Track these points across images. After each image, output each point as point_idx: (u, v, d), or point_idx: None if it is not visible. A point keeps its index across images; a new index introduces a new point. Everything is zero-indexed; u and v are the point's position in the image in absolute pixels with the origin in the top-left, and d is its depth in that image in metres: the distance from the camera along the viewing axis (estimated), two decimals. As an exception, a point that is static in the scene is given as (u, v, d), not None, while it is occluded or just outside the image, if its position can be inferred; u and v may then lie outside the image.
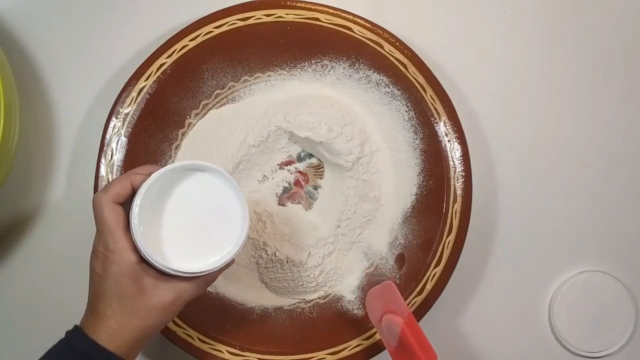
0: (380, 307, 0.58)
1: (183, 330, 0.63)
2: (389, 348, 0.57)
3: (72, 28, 0.70)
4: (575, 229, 0.69)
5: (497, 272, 0.69)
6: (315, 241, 0.65)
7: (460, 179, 0.64)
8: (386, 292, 0.58)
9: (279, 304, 0.66)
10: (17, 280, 0.68)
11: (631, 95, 0.71)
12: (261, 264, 0.65)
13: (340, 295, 0.66)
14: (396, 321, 0.55)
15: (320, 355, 0.63)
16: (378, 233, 0.67)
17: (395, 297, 0.57)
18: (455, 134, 0.65)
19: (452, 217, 0.64)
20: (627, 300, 0.67)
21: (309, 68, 0.67)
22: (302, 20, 0.66)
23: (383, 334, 0.58)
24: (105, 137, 0.64)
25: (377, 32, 0.65)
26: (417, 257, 0.65)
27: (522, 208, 0.69)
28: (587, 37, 0.71)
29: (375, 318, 0.59)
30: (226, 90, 0.68)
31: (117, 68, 0.69)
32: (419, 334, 0.54)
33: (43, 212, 0.69)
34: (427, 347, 0.53)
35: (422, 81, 0.65)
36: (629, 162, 0.70)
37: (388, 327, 0.57)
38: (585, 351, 0.67)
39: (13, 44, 0.69)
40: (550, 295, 0.69)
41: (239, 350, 0.63)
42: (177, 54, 0.65)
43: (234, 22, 0.65)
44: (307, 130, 0.65)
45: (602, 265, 0.69)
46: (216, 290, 0.66)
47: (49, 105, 0.69)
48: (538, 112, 0.70)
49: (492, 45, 0.71)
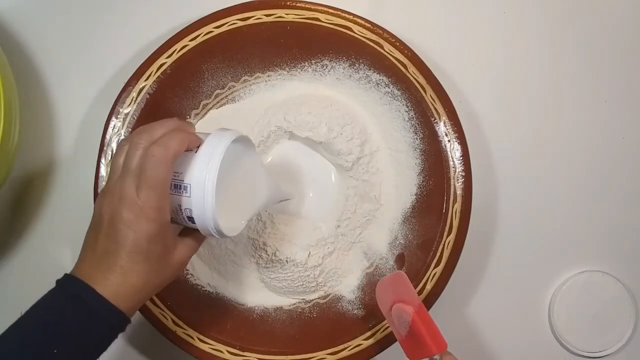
0: (391, 297, 0.59)
1: (183, 330, 0.63)
2: (399, 337, 0.57)
3: (72, 28, 0.70)
4: (575, 229, 0.69)
5: (497, 272, 0.69)
6: (315, 241, 0.65)
7: (460, 179, 0.64)
8: (397, 281, 0.59)
9: (279, 304, 0.66)
10: (17, 280, 0.68)
11: (631, 95, 0.71)
12: (261, 264, 0.65)
13: (340, 295, 0.66)
14: (406, 310, 0.56)
15: (320, 355, 0.63)
16: (378, 233, 0.67)
17: (406, 287, 0.58)
18: (455, 134, 0.65)
19: (452, 217, 0.64)
20: (627, 300, 0.67)
21: (309, 68, 0.67)
22: (302, 20, 0.66)
23: (393, 324, 0.58)
24: (105, 137, 0.64)
25: (377, 32, 0.65)
26: (417, 257, 0.65)
27: (522, 208, 0.69)
28: (587, 37, 0.71)
29: (386, 308, 0.59)
30: (226, 90, 0.68)
31: (117, 68, 0.69)
32: (429, 323, 0.54)
33: (43, 212, 0.69)
34: (437, 335, 0.53)
35: (422, 81, 0.65)
36: (629, 162, 0.70)
37: (398, 316, 0.57)
38: (585, 351, 0.67)
39: (13, 44, 0.69)
40: (550, 295, 0.69)
41: (239, 350, 0.63)
42: (177, 54, 0.65)
43: (234, 22, 0.65)
44: (307, 130, 0.65)
45: (602, 265, 0.69)
46: (216, 290, 0.66)
47: (49, 105, 0.70)
48: (538, 112, 0.70)
49: (492, 45, 0.71)
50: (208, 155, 0.50)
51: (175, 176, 0.50)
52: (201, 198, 0.49)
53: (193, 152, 0.50)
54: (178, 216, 0.51)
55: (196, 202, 0.50)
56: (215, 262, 0.66)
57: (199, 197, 0.49)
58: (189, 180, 0.50)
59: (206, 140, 0.51)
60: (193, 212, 0.50)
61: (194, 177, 0.50)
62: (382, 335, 0.63)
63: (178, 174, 0.50)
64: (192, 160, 0.50)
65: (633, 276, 0.68)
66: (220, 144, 0.50)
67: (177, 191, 0.50)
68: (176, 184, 0.50)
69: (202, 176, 0.49)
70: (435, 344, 0.53)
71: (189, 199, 0.50)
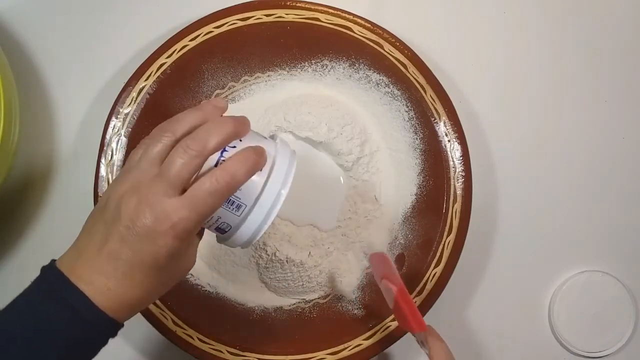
0: (381, 270, 0.60)
1: (183, 330, 0.63)
2: (390, 304, 0.59)
3: (72, 28, 0.70)
4: (575, 229, 0.69)
5: (497, 272, 0.69)
6: (315, 241, 0.65)
7: (460, 179, 0.64)
8: (384, 260, 0.60)
9: (279, 304, 0.66)
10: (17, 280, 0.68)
11: (631, 95, 0.70)
12: (261, 264, 0.65)
13: (340, 295, 0.66)
14: (391, 288, 0.57)
15: (320, 355, 0.63)
16: (378, 233, 0.67)
17: (390, 268, 0.59)
18: (455, 134, 0.65)
19: (452, 217, 0.64)
20: (627, 300, 0.67)
21: (309, 68, 0.67)
22: (302, 20, 0.66)
23: (384, 293, 0.60)
24: (105, 137, 0.64)
25: (377, 32, 0.65)
26: (417, 257, 0.65)
27: (522, 208, 0.69)
28: (587, 37, 0.71)
29: (378, 278, 0.61)
30: (226, 90, 0.68)
31: (117, 68, 0.69)
32: (410, 305, 0.55)
33: (43, 212, 0.69)
34: (418, 316, 0.54)
35: (422, 81, 0.65)
36: (629, 162, 0.70)
37: (386, 290, 0.58)
38: (585, 351, 0.67)
39: (13, 44, 0.69)
40: (550, 295, 0.69)
41: (239, 350, 0.63)
42: (177, 54, 0.65)
43: (234, 22, 0.65)
44: (307, 130, 0.65)
45: (602, 265, 0.68)
46: (216, 290, 0.66)
47: (49, 105, 0.70)
48: (538, 112, 0.70)
49: (492, 45, 0.71)
50: (279, 183, 0.46)
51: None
52: (254, 225, 0.46)
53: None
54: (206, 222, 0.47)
55: (247, 226, 0.46)
56: (215, 262, 0.66)
57: (252, 223, 0.46)
58: (247, 201, 0.46)
59: (277, 165, 0.47)
60: (233, 230, 0.47)
61: (254, 201, 0.46)
62: (382, 335, 0.63)
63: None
64: (256, 182, 0.46)
65: (633, 276, 0.68)
66: (290, 171, 0.47)
67: (225, 204, 0.46)
68: (229, 199, 0.46)
69: (266, 206, 0.46)
70: (416, 324, 0.54)
71: (236, 218, 0.46)
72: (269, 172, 0.47)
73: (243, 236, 0.47)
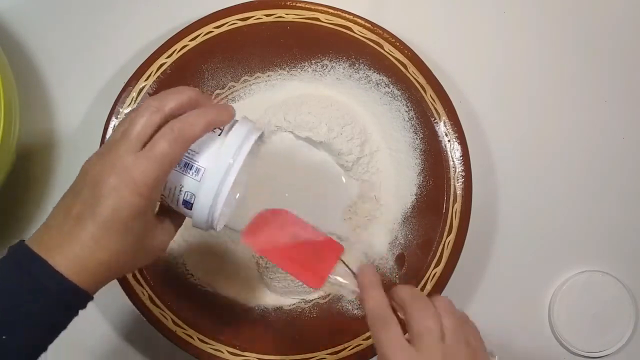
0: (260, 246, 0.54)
1: (183, 330, 0.63)
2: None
3: (72, 28, 0.70)
4: (575, 229, 0.69)
5: (497, 272, 0.69)
6: (315, 241, 0.65)
7: (460, 179, 0.64)
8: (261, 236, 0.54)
9: (279, 304, 0.66)
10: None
11: (631, 95, 0.71)
12: (261, 264, 0.65)
13: (340, 295, 0.66)
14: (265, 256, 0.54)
15: (320, 355, 0.63)
16: (378, 233, 0.67)
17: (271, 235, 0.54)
18: (455, 134, 0.65)
19: (452, 217, 0.64)
20: (627, 300, 0.67)
21: (309, 68, 0.67)
22: (302, 20, 0.66)
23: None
24: (105, 137, 0.64)
25: (377, 32, 0.65)
26: (417, 257, 0.65)
27: (522, 208, 0.69)
28: (587, 37, 0.71)
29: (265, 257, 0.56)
30: (226, 90, 0.68)
31: (117, 68, 0.69)
32: (292, 265, 0.52)
33: (43, 212, 0.69)
34: (307, 273, 0.52)
35: (422, 81, 0.65)
36: (629, 162, 0.70)
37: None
38: (585, 351, 0.67)
39: (13, 44, 0.69)
40: (550, 295, 0.69)
41: (239, 350, 0.63)
42: (177, 54, 0.65)
43: (234, 22, 0.65)
44: (307, 130, 0.65)
45: (602, 265, 0.68)
46: (216, 290, 0.66)
47: (49, 105, 0.70)
48: (538, 112, 0.70)
49: (492, 45, 0.71)
50: (235, 146, 0.46)
51: (189, 154, 0.46)
52: (213, 187, 0.46)
53: (215, 133, 0.47)
54: (169, 196, 0.47)
55: (206, 189, 0.46)
56: (215, 262, 0.66)
57: (211, 185, 0.46)
58: (206, 164, 0.46)
59: (234, 129, 0.47)
60: (197, 198, 0.47)
61: (212, 163, 0.46)
62: (382, 335, 0.63)
63: (192, 152, 0.46)
64: (213, 143, 0.47)
65: (633, 276, 0.68)
66: (249, 137, 0.47)
67: (184, 170, 0.46)
68: (186, 162, 0.46)
69: (223, 166, 0.46)
70: (310, 280, 0.51)
71: (196, 184, 0.46)
72: (219, 132, 0.47)
73: (212, 209, 0.47)
